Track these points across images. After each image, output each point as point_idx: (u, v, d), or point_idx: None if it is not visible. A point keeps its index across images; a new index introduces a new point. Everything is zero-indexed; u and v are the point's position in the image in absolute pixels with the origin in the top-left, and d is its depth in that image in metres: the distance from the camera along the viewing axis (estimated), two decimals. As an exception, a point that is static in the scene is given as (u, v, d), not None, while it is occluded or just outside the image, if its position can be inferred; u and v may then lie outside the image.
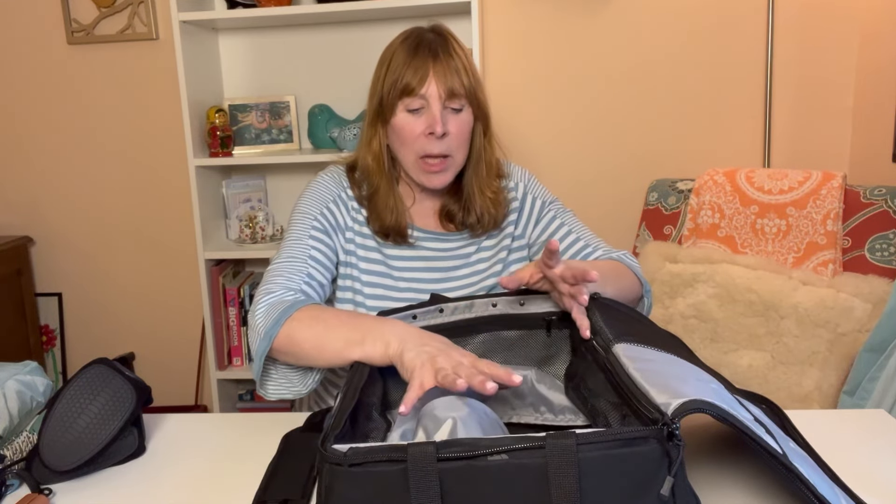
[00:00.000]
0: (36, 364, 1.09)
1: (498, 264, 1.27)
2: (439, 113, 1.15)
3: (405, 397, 0.82)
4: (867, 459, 0.91)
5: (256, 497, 0.86)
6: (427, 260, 1.25)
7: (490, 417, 0.83)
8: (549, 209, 1.30)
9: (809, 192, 1.84)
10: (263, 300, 1.06)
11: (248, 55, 2.47)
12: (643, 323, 0.98)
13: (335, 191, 1.24)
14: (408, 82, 1.15)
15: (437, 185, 1.19)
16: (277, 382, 1.05)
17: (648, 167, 2.38)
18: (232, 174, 2.54)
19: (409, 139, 1.17)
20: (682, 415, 0.66)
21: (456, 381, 0.79)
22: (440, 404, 0.80)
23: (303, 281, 1.12)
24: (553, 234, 1.28)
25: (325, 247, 1.20)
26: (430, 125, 1.15)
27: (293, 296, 1.08)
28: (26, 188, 2.65)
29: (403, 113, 1.17)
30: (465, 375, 0.81)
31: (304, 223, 1.20)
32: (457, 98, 1.16)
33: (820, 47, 2.26)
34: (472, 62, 1.23)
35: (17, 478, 0.94)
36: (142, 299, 2.69)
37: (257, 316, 1.04)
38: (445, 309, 1.07)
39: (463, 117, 1.18)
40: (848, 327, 1.70)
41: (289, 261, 1.14)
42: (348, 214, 1.23)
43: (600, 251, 1.25)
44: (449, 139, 1.16)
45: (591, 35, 2.35)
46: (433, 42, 1.18)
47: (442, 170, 1.18)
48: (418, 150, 1.17)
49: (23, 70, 2.57)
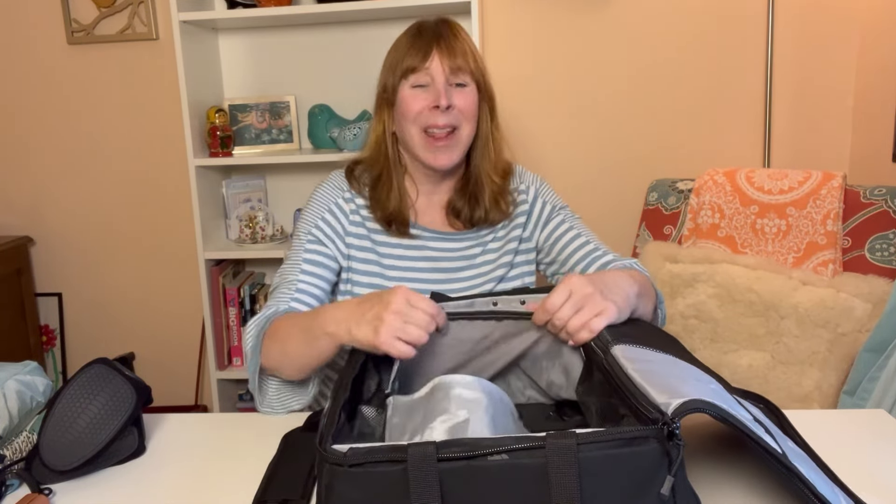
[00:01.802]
0: (36, 364, 1.09)
1: (502, 268, 1.27)
2: (443, 87, 1.15)
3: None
4: (867, 459, 0.91)
5: (256, 497, 0.86)
6: (432, 260, 1.24)
7: (505, 404, 0.83)
8: (558, 213, 1.29)
9: (809, 192, 1.84)
10: (250, 323, 1.12)
11: (248, 55, 2.47)
12: (641, 325, 0.98)
13: (332, 198, 1.24)
14: (410, 62, 1.16)
15: (443, 162, 1.18)
16: (276, 396, 1.11)
17: (648, 167, 2.38)
18: (232, 174, 2.54)
19: (413, 113, 1.16)
20: (682, 414, 0.66)
21: (419, 339, 0.87)
22: (459, 383, 0.81)
23: (290, 298, 1.15)
24: (561, 237, 1.27)
25: (321, 256, 1.20)
26: (434, 98, 1.15)
27: (273, 311, 1.12)
28: (26, 188, 2.65)
29: (407, 90, 1.17)
30: (422, 326, 0.88)
31: (301, 239, 1.23)
32: (461, 74, 1.16)
33: (820, 47, 2.26)
34: (476, 48, 1.23)
35: (17, 478, 0.94)
36: (142, 299, 2.69)
37: (247, 339, 1.10)
38: (446, 307, 1.07)
39: (467, 92, 1.18)
40: (848, 327, 1.70)
41: (281, 283, 1.19)
42: (346, 219, 1.23)
43: (609, 256, 1.24)
44: (455, 112, 1.16)
45: (591, 35, 2.35)
46: (437, 26, 1.18)
47: (447, 144, 1.17)
48: (422, 123, 1.16)
49: (23, 70, 2.56)
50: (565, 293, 0.91)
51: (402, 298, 0.88)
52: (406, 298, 0.89)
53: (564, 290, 0.91)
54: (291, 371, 1.05)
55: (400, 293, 0.89)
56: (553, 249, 1.28)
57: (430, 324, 0.88)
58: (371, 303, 0.91)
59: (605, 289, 0.95)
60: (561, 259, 1.28)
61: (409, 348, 0.86)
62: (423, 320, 0.88)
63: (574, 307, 0.90)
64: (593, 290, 0.91)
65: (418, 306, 0.88)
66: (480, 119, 1.22)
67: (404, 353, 0.86)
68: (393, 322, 0.86)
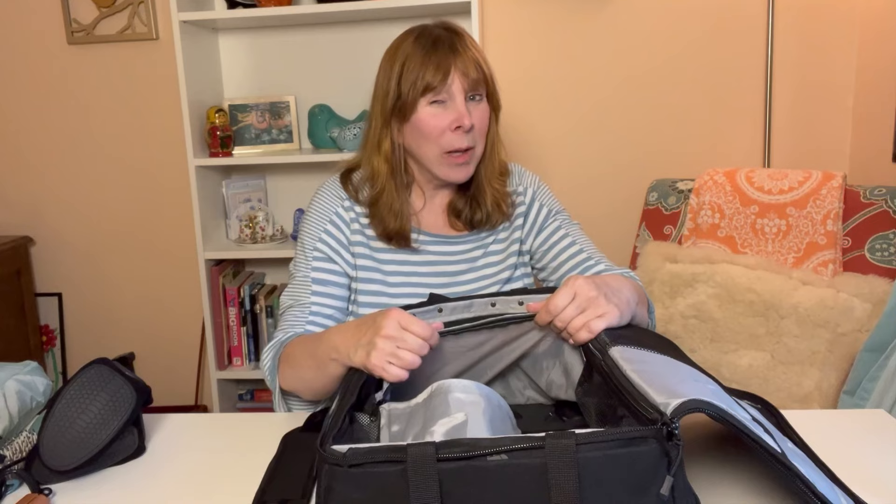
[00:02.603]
0: (36, 364, 1.09)
1: (507, 270, 1.26)
2: (464, 106, 1.14)
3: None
4: (867, 459, 0.91)
5: (256, 497, 0.86)
6: (433, 265, 1.23)
7: (503, 410, 0.83)
8: (554, 219, 1.29)
9: (809, 192, 1.84)
10: (267, 348, 1.15)
11: (248, 55, 2.47)
12: (638, 328, 0.98)
13: (332, 208, 1.23)
14: (430, 80, 1.13)
15: (461, 178, 1.19)
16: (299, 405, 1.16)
17: (648, 167, 2.38)
18: (232, 174, 2.54)
19: (434, 134, 1.15)
20: (681, 414, 0.66)
21: (411, 363, 0.87)
22: (456, 387, 0.81)
23: (305, 321, 1.16)
24: (556, 244, 1.26)
25: (330, 274, 1.20)
26: (456, 119, 1.14)
27: (288, 336, 1.14)
28: (26, 188, 2.65)
29: (426, 108, 1.15)
30: (414, 350, 0.88)
31: (305, 256, 1.22)
32: (478, 87, 1.17)
33: (820, 47, 2.26)
34: (484, 54, 1.22)
35: (17, 478, 0.94)
36: (142, 299, 2.69)
37: (265, 365, 1.14)
38: (444, 309, 1.07)
39: (483, 107, 1.18)
40: (848, 327, 1.70)
41: (293, 304, 1.19)
42: (348, 229, 1.22)
43: (602, 265, 1.23)
44: (474, 132, 1.16)
45: (591, 35, 2.35)
46: (450, 39, 1.17)
47: (465, 162, 1.17)
48: (444, 146, 1.15)
49: (23, 70, 2.57)
50: (569, 294, 0.92)
51: (394, 322, 0.88)
52: (398, 322, 0.88)
53: (569, 291, 0.92)
54: (311, 395, 1.08)
55: (392, 317, 0.88)
56: (546, 256, 1.27)
57: (423, 347, 0.88)
58: (366, 326, 0.92)
59: (609, 292, 0.95)
60: (553, 266, 1.27)
61: (400, 372, 0.86)
62: (414, 344, 0.87)
63: (578, 309, 0.91)
64: (597, 294, 0.92)
65: (411, 329, 0.88)
66: (489, 127, 1.22)
67: (395, 377, 0.86)
68: (384, 347, 0.86)
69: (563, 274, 1.26)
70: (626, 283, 1.02)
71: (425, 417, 0.81)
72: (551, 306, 0.92)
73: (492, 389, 0.85)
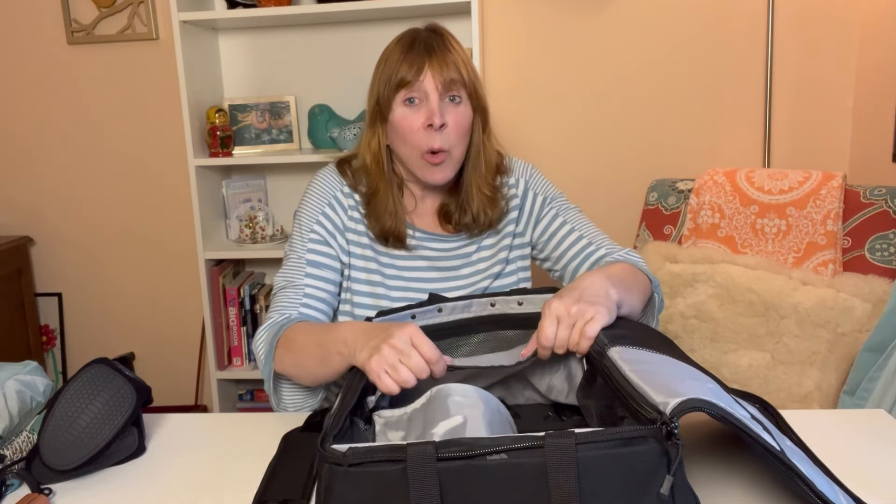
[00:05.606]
0: (36, 364, 1.09)
1: (498, 264, 1.26)
2: (437, 104, 1.14)
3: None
4: (867, 459, 0.91)
5: (256, 497, 0.86)
6: (429, 260, 1.24)
7: (502, 415, 0.83)
8: (550, 206, 1.28)
9: (809, 192, 1.84)
10: (262, 329, 1.13)
11: (248, 55, 2.47)
12: (636, 326, 0.98)
13: (330, 192, 1.23)
14: (403, 75, 1.14)
15: (438, 180, 1.18)
16: (290, 397, 1.12)
17: (648, 167, 2.38)
18: (232, 174, 2.54)
19: (409, 133, 1.15)
20: (681, 414, 0.66)
21: (406, 381, 0.85)
22: (455, 391, 0.81)
23: (300, 303, 1.16)
24: (556, 233, 1.26)
25: (324, 257, 1.20)
26: (428, 117, 1.14)
27: (285, 318, 1.13)
28: (26, 188, 2.65)
29: (401, 107, 1.16)
30: (414, 370, 0.85)
31: (301, 237, 1.22)
32: (454, 88, 1.15)
33: (820, 47, 2.26)
34: (469, 58, 1.22)
35: (17, 478, 0.94)
36: (142, 299, 2.69)
37: (259, 346, 1.11)
38: (444, 308, 1.07)
39: (462, 110, 1.17)
40: (848, 327, 1.70)
41: (286, 285, 1.19)
42: (345, 214, 1.23)
43: (603, 249, 1.23)
44: (448, 132, 1.15)
45: (591, 35, 2.35)
46: (429, 38, 1.17)
47: (441, 163, 1.16)
48: (419, 145, 1.15)
49: (23, 70, 2.57)
50: (553, 321, 0.91)
51: (405, 336, 0.87)
52: (410, 337, 0.87)
53: (551, 319, 0.91)
54: (307, 381, 1.07)
55: (407, 330, 0.87)
56: (547, 246, 1.28)
57: (424, 370, 0.86)
58: (380, 330, 0.91)
59: (584, 295, 0.93)
60: (555, 256, 1.27)
61: (392, 385, 0.84)
62: (417, 364, 0.85)
63: (568, 327, 0.90)
64: (577, 304, 0.91)
65: (419, 348, 0.86)
66: (473, 131, 1.20)
67: (386, 389, 0.84)
68: (387, 355, 0.85)
69: (565, 264, 1.26)
70: (599, 277, 0.99)
71: (425, 421, 0.81)
72: (543, 339, 0.90)
73: (490, 394, 0.85)
